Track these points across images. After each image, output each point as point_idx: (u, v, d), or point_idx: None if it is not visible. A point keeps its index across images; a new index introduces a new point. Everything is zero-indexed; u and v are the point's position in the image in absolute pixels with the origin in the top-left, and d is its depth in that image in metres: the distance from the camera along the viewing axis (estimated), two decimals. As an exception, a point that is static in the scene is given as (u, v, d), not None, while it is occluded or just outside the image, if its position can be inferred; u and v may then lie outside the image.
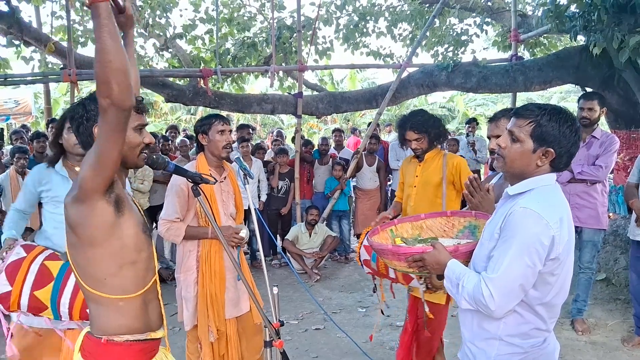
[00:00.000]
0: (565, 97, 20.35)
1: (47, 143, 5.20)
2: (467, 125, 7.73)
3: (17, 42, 6.54)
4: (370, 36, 8.95)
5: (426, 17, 8.19)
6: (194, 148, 5.92)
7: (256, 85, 16.11)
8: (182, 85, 7.12)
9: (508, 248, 1.58)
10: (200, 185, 2.12)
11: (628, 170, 4.48)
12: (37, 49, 6.91)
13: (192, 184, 2.11)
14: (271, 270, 6.17)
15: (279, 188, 6.54)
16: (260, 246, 2.80)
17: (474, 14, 8.22)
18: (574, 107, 4.33)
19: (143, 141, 1.65)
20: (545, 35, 7.51)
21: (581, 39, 5.46)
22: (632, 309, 3.95)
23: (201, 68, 7.07)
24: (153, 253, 1.69)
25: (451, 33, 8.58)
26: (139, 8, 7.44)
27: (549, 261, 1.59)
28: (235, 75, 8.60)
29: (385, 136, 11.12)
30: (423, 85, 6.86)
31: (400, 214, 3.32)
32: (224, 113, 7.17)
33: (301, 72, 7.03)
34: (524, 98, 14.77)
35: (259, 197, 6.28)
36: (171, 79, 7.09)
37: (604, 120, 6.11)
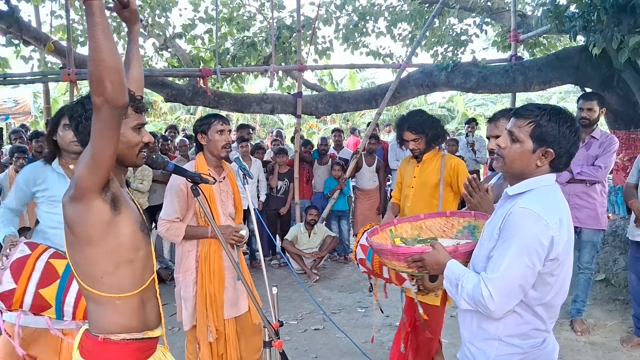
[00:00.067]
0: (564, 98, 20.37)
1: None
2: (467, 125, 7.74)
3: (17, 42, 6.53)
4: (369, 36, 8.95)
5: (426, 17, 8.19)
6: (193, 148, 5.91)
7: (256, 85, 16.12)
8: (182, 84, 7.11)
9: (507, 248, 1.58)
10: (199, 185, 2.12)
11: (627, 170, 4.48)
12: (37, 49, 6.90)
13: (192, 184, 2.11)
14: (270, 270, 6.17)
15: (278, 188, 6.53)
16: (259, 246, 2.79)
17: (474, 14, 8.22)
18: (574, 108, 4.33)
19: (142, 140, 1.64)
20: (544, 35, 7.52)
21: (581, 39, 5.46)
22: (631, 310, 3.95)
23: (200, 68, 7.06)
24: (151, 252, 1.69)
25: (451, 33, 8.57)
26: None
27: (549, 261, 1.59)
28: (234, 75, 8.59)
29: (384, 136, 11.12)
30: (423, 85, 6.86)
31: (398, 215, 3.31)
32: (224, 113, 7.17)
33: (301, 72, 7.03)
34: (524, 98, 14.78)
35: (258, 197, 6.28)
36: (170, 79, 7.08)
37: (604, 120, 6.12)
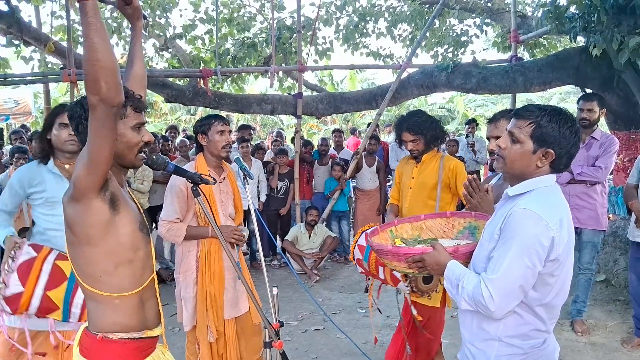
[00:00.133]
0: (564, 98, 20.37)
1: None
2: (467, 126, 7.74)
3: (17, 42, 6.54)
4: (370, 37, 8.95)
5: (426, 18, 8.19)
6: (194, 148, 5.91)
7: (256, 85, 16.11)
8: (182, 85, 7.11)
9: (508, 249, 1.58)
10: (199, 185, 2.12)
11: (627, 171, 4.48)
12: (37, 49, 6.91)
13: (192, 185, 2.11)
14: (271, 270, 6.17)
15: (279, 188, 6.53)
16: (259, 247, 2.80)
17: (474, 15, 8.22)
18: (574, 108, 4.33)
19: (142, 139, 1.64)
20: (545, 36, 7.52)
21: (581, 40, 5.45)
22: (632, 310, 3.95)
23: (201, 68, 7.07)
24: (151, 252, 1.69)
25: (451, 34, 8.57)
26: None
27: (549, 262, 1.59)
28: (235, 75, 8.60)
29: (385, 137, 11.12)
30: (423, 86, 6.86)
31: (398, 216, 3.31)
32: (224, 113, 7.18)
33: (301, 73, 7.03)
34: (524, 99, 14.81)
35: (259, 198, 6.28)
36: (171, 79, 7.09)
37: (604, 121, 6.11)
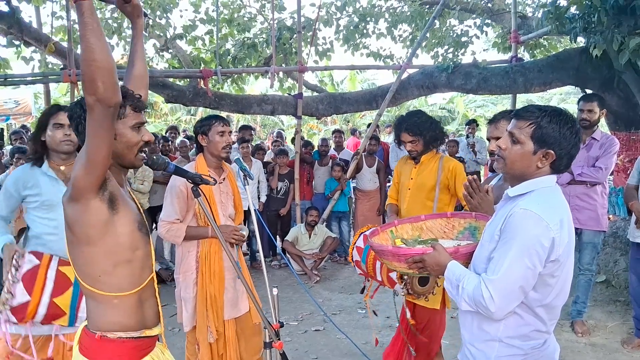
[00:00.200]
0: (565, 99, 20.37)
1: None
2: (467, 126, 7.74)
3: (17, 42, 6.54)
4: (370, 37, 8.95)
5: (426, 19, 8.19)
6: (194, 149, 5.92)
7: (256, 86, 16.12)
8: (182, 85, 7.11)
9: (508, 250, 1.57)
10: (199, 186, 2.12)
11: (628, 172, 4.48)
12: (37, 49, 6.91)
13: (192, 185, 2.11)
14: (271, 271, 6.17)
15: (279, 189, 6.53)
16: (260, 247, 2.80)
17: (474, 16, 8.22)
18: (574, 109, 4.33)
19: (142, 139, 1.64)
20: (545, 36, 7.52)
21: (581, 41, 5.45)
22: (632, 311, 3.95)
23: (201, 69, 7.07)
24: (150, 251, 1.69)
25: (451, 34, 8.58)
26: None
27: (549, 263, 1.59)
28: (235, 76, 8.60)
29: (385, 137, 11.12)
30: (423, 86, 6.86)
31: (398, 215, 3.31)
32: (224, 114, 7.18)
33: (301, 73, 7.03)
34: (524, 99, 14.79)
35: (259, 198, 6.28)
36: (171, 80, 7.09)
37: (604, 121, 6.11)
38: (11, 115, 11.34)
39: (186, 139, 6.92)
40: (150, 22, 7.77)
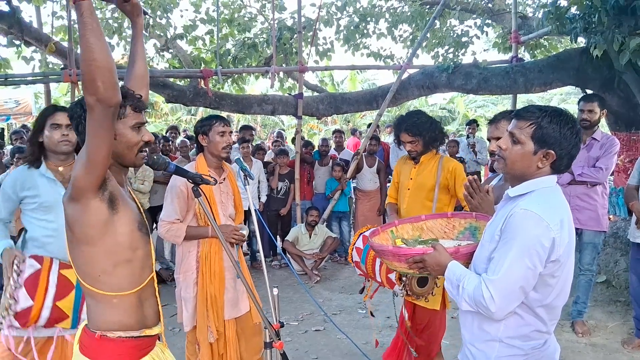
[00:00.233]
0: (565, 99, 20.38)
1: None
2: (468, 126, 7.74)
3: (18, 42, 6.54)
4: (370, 37, 8.96)
5: (427, 19, 8.20)
6: (194, 149, 5.92)
7: (256, 86, 16.13)
8: (183, 85, 7.11)
9: (508, 250, 1.58)
10: (200, 185, 2.12)
11: (628, 172, 4.48)
12: (38, 49, 6.91)
13: (193, 185, 2.11)
14: (271, 271, 6.17)
15: (279, 189, 6.53)
16: (260, 247, 2.79)
17: (475, 16, 8.23)
18: (574, 109, 4.33)
19: (142, 139, 1.64)
20: (545, 37, 7.52)
21: (581, 41, 5.46)
22: (632, 311, 3.95)
23: (202, 69, 7.07)
24: (150, 251, 1.69)
25: (452, 34, 8.58)
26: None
27: (550, 263, 1.59)
28: (235, 76, 8.60)
29: (385, 137, 11.12)
30: (423, 86, 6.86)
31: (398, 214, 3.31)
32: (224, 114, 7.18)
33: (302, 73, 7.03)
34: (524, 100, 14.81)
35: (259, 198, 6.28)
36: (172, 80, 7.09)
37: (604, 122, 6.11)
38: (12, 115, 11.35)
39: (186, 139, 6.92)
40: (150, 22, 7.77)
